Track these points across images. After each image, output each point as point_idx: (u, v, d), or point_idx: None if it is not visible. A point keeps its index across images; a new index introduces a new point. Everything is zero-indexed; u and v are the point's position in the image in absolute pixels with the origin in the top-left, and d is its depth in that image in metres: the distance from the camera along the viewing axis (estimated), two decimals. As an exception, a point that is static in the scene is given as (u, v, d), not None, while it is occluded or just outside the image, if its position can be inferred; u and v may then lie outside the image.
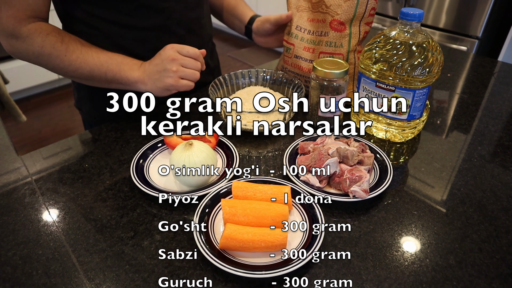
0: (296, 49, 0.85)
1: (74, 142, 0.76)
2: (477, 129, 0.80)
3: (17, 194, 0.61)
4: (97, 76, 0.73)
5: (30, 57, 0.71)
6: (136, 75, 0.73)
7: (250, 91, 0.83)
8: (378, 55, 0.69)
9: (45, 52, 0.69)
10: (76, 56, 0.71)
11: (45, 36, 0.69)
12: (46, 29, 0.70)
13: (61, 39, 0.70)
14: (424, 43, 0.67)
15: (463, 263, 0.49)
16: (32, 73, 2.72)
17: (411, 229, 0.55)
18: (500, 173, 0.66)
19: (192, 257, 0.50)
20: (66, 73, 0.73)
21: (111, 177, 0.65)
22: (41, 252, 0.51)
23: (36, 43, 0.69)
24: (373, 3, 0.78)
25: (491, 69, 1.10)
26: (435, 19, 2.09)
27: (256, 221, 0.51)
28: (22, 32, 0.68)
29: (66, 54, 0.70)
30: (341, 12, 0.78)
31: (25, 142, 2.38)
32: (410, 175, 0.66)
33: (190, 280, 0.47)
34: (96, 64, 0.71)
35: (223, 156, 0.69)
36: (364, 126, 0.72)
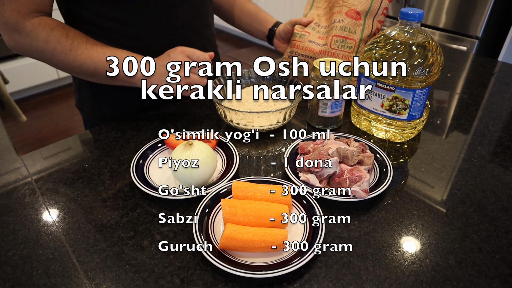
0: (311, 37, 0.90)
1: (74, 142, 0.76)
2: (477, 129, 0.80)
3: (17, 194, 0.61)
4: (101, 73, 0.72)
5: (33, 52, 0.70)
6: None
7: (249, 91, 0.84)
8: (378, 55, 0.69)
9: (50, 47, 0.68)
10: (81, 52, 0.70)
11: (50, 30, 0.68)
12: (50, 23, 0.69)
13: (66, 34, 0.69)
14: (424, 43, 0.67)
15: (463, 263, 0.49)
16: (32, 73, 2.72)
17: (411, 229, 0.55)
18: (500, 173, 0.66)
19: (192, 257, 0.50)
20: (70, 69, 0.72)
21: (111, 177, 0.65)
22: (41, 252, 0.51)
23: (40, 38, 0.67)
24: (386, 2, 0.84)
25: (491, 69, 1.10)
26: (435, 19, 2.09)
27: (256, 221, 0.51)
28: (25, 26, 0.67)
29: (71, 49, 0.69)
30: (358, 4, 0.84)
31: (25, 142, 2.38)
32: (410, 175, 0.66)
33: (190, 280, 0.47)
34: (101, 60, 0.71)
35: (223, 156, 0.69)
36: (364, 90, 0.71)
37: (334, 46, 0.85)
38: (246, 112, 0.71)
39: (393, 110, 0.71)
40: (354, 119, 0.80)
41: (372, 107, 0.74)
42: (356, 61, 0.73)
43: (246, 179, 0.60)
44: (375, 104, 0.73)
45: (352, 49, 0.85)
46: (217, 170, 0.65)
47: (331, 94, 0.73)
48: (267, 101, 0.81)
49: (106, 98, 0.86)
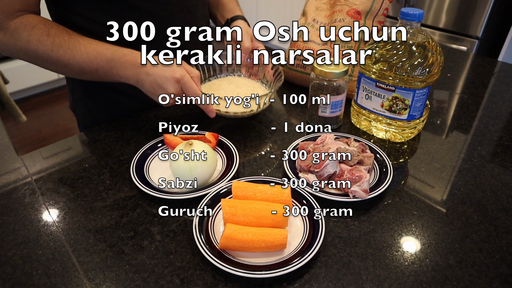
0: (311, 35, 0.90)
1: (74, 142, 0.76)
2: (477, 129, 0.80)
3: (17, 194, 0.61)
4: (88, 73, 0.69)
5: (18, 53, 0.67)
6: (129, 74, 0.68)
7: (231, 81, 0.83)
8: (378, 55, 0.69)
9: (32, 47, 0.65)
10: (64, 52, 0.66)
11: (31, 29, 0.64)
12: (32, 21, 0.65)
13: (47, 32, 0.65)
14: (424, 43, 0.67)
15: (463, 263, 0.49)
16: (32, 73, 2.72)
17: (411, 229, 0.55)
18: (500, 173, 0.66)
19: (192, 257, 0.50)
20: (56, 69, 0.69)
21: (111, 177, 0.65)
22: (41, 252, 0.51)
23: (22, 38, 0.64)
24: (387, 3, 0.84)
25: (491, 69, 1.10)
26: (435, 19, 2.09)
27: (256, 221, 0.51)
28: (9, 26, 0.64)
29: (52, 49, 0.65)
30: (359, 3, 0.84)
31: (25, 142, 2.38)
32: (410, 175, 0.66)
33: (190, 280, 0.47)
34: (86, 61, 0.67)
35: (223, 156, 0.69)
36: (364, 55, 0.71)
37: None
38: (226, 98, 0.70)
39: (393, 110, 0.71)
40: (354, 119, 0.80)
41: (372, 107, 0.74)
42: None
43: (246, 179, 0.60)
44: (375, 104, 0.73)
45: (352, 49, 0.85)
46: (217, 170, 0.65)
47: (331, 93, 0.73)
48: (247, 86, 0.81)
49: (99, 100, 0.85)
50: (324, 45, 0.87)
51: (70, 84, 0.88)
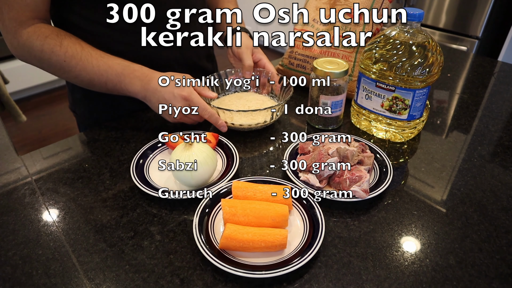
0: (310, 18, 0.89)
1: (74, 142, 0.76)
2: (477, 129, 0.80)
3: (17, 194, 0.61)
4: (97, 85, 0.72)
5: (33, 61, 0.70)
6: (137, 90, 0.71)
7: (240, 97, 0.85)
8: (378, 55, 0.69)
9: (45, 56, 0.68)
10: (76, 63, 0.69)
11: (44, 39, 0.67)
12: (44, 31, 0.68)
13: (60, 42, 0.68)
14: (424, 43, 0.67)
15: (463, 263, 0.49)
16: (32, 73, 2.72)
17: (411, 229, 0.55)
18: (500, 173, 0.66)
19: (192, 257, 0.50)
20: (67, 78, 0.72)
21: (111, 177, 0.65)
22: (41, 252, 0.51)
23: (35, 47, 0.67)
24: (387, 3, 0.84)
25: (491, 69, 1.10)
26: (435, 19, 2.09)
27: (256, 221, 0.51)
28: (22, 35, 0.67)
29: (65, 59, 0.68)
30: (360, 2, 0.83)
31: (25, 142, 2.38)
32: (410, 175, 0.66)
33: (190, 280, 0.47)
34: (96, 73, 0.70)
35: (223, 156, 0.69)
36: (364, 37, 0.70)
37: (334, 46, 0.85)
38: (234, 111, 0.71)
39: (393, 110, 0.71)
40: (354, 119, 0.80)
41: (372, 107, 0.74)
42: (356, 8, 0.74)
43: (246, 179, 0.60)
44: (375, 104, 0.73)
45: (353, 49, 0.85)
46: (217, 170, 0.65)
47: (331, 93, 0.73)
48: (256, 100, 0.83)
49: (98, 101, 0.85)
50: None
51: (70, 84, 0.88)
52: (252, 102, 0.82)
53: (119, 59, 0.72)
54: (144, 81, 0.70)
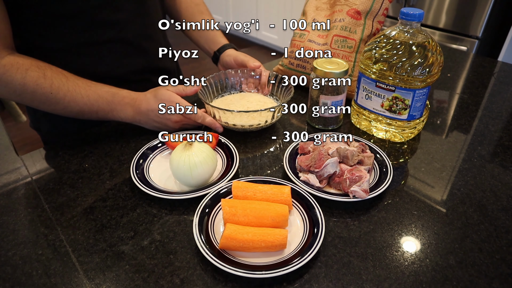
0: (311, 36, 0.90)
1: (74, 142, 0.76)
2: (477, 129, 0.80)
3: (17, 194, 0.61)
4: (87, 115, 0.70)
5: (11, 95, 0.66)
6: (129, 116, 0.72)
7: (243, 96, 0.85)
8: (378, 55, 0.69)
9: (28, 90, 0.64)
10: (64, 94, 0.66)
11: (25, 71, 0.63)
12: (23, 63, 0.64)
13: (43, 74, 0.65)
14: (424, 43, 0.67)
15: (463, 263, 0.49)
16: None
17: (411, 229, 0.55)
18: (500, 173, 0.66)
19: (192, 257, 0.50)
20: (53, 110, 0.69)
21: (111, 177, 0.65)
22: (41, 252, 0.51)
23: (16, 81, 0.63)
24: (387, 3, 0.84)
25: (491, 69, 1.10)
26: (435, 19, 2.10)
27: (256, 221, 0.51)
28: None
29: (51, 91, 0.65)
30: (359, 3, 0.84)
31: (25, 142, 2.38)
32: (410, 175, 0.66)
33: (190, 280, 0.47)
34: (86, 104, 0.68)
35: (223, 156, 0.69)
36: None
37: (334, 46, 0.86)
38: (234, 111, 0.71)
39: (393, 110, 0.71)
40: (354, 119, 0.80)
41: (372, 107, 0.74)
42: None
43: (246, 179, 0.60)
44: (375, 104, 0.73)
45: (352, 49, 0.85)
46: (217, 170, 0.65)
47: (332, 93, 0.73)
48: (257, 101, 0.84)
49: None
50: (324, 45, 0.87)
51: None
52: (253, 103, 0.82)
53: (106, 86, 0.71)
54: (135, 106, 0.72)
